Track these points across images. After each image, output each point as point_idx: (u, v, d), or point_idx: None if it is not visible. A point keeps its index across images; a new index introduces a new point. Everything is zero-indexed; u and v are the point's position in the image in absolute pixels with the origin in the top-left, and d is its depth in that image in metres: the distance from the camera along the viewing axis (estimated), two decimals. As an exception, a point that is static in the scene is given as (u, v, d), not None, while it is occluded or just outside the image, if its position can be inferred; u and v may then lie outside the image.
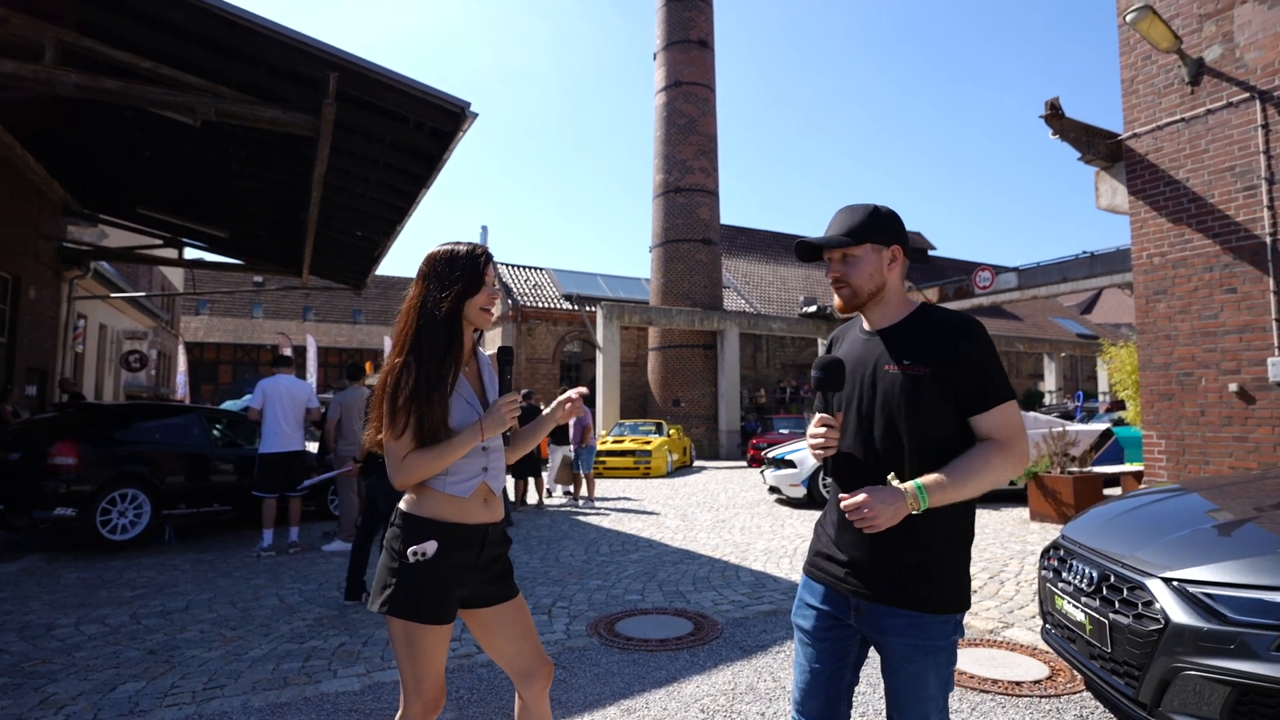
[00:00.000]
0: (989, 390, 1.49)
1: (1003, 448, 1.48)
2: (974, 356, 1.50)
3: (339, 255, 12.31)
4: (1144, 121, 6.86)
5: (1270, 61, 5.96)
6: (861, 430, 1.58)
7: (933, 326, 1.56)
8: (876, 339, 1.62)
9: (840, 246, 1.60)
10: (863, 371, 1.61)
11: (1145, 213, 6.84)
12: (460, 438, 1.74)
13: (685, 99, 20.75)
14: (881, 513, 1.42)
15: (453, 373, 1.77)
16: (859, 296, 1.62)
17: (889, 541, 1.50)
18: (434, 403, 1.72)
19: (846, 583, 1.57)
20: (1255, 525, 2.87)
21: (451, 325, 1.78)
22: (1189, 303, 6.47)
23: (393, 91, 6.38)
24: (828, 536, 1.66)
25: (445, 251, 1.83)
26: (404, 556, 1.74)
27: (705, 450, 19.83)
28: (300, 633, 4.09)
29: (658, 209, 21.05)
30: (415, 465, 1.73)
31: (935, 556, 1.51)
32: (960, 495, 1.46)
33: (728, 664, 3.49)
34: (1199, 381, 6.37)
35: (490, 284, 1.84)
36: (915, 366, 1.51)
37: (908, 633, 1.50)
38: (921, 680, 1.51)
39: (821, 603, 1.63)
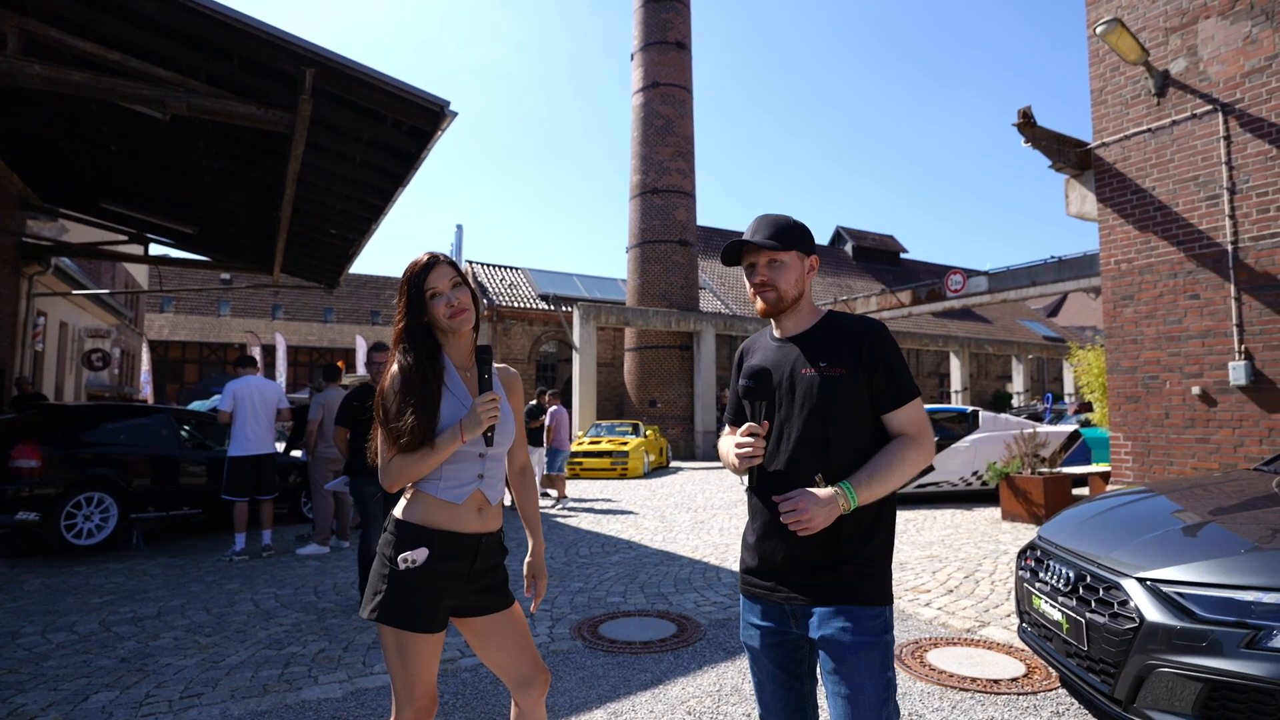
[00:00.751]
0: (900, 389, 1.57)
1: (914, 442, 1.56)
2: (884, 357, 1.57)
3: (312, 253, 12.12)
4: (1112, 131, 7.04)
5: (1232, 75, 6.16)
6: (782, 434, 1.61)
7: (842, 330, 1.63)
8: (790, 345, 1.67)
9: (771, 250, 1.64)
10: (780, 377, 1.64)
11: (1113, 220, 7.02)
12: (440, 440, 1.74)
13: (663, 100, 20.79)
14: (816, 514, 1.46)
15: (426, 380, 1.77)
16: (784, 301, 1.66)
17: (813, 542, 1.53)
18: (408, 410, 1.73)
19: (778, 592, 1.60)
20: (1218, 526, 2.97)
21: (415, 338, 1.81)
22: (1154, 308, 6.67)
23: (371, 89, 6.30)
24: (756, 550, 1.66)
25: (405, 269, 1.85)
26: (395, 562, 1.73)
27: (681, 451, 19.90)
28: (278, 639, 4.02)
29: (635, 210, 21.06)
30: (400, 468, 1.74)
31: (861, 550, 1.54)
32: (884, 491, 1.52)
33: (712, 665, 3.51)
34: (1164, 385, 6.56)
35: (444, 290, 1.80)
36: (831, 368, 1.57)
37: (840, 631, 1.51)
38: (857, 680, 1.50)
39: (762, 619, 1.65)
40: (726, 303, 25.33)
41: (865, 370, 1.56)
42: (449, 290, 1.81)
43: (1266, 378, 5.86)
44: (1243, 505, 3.19)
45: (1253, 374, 5.91)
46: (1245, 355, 5.97)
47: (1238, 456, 6.00)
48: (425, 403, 1.75)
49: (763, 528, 1.63)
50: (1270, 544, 2.58)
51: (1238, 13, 6.13)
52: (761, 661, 1.66)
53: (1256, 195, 5.97)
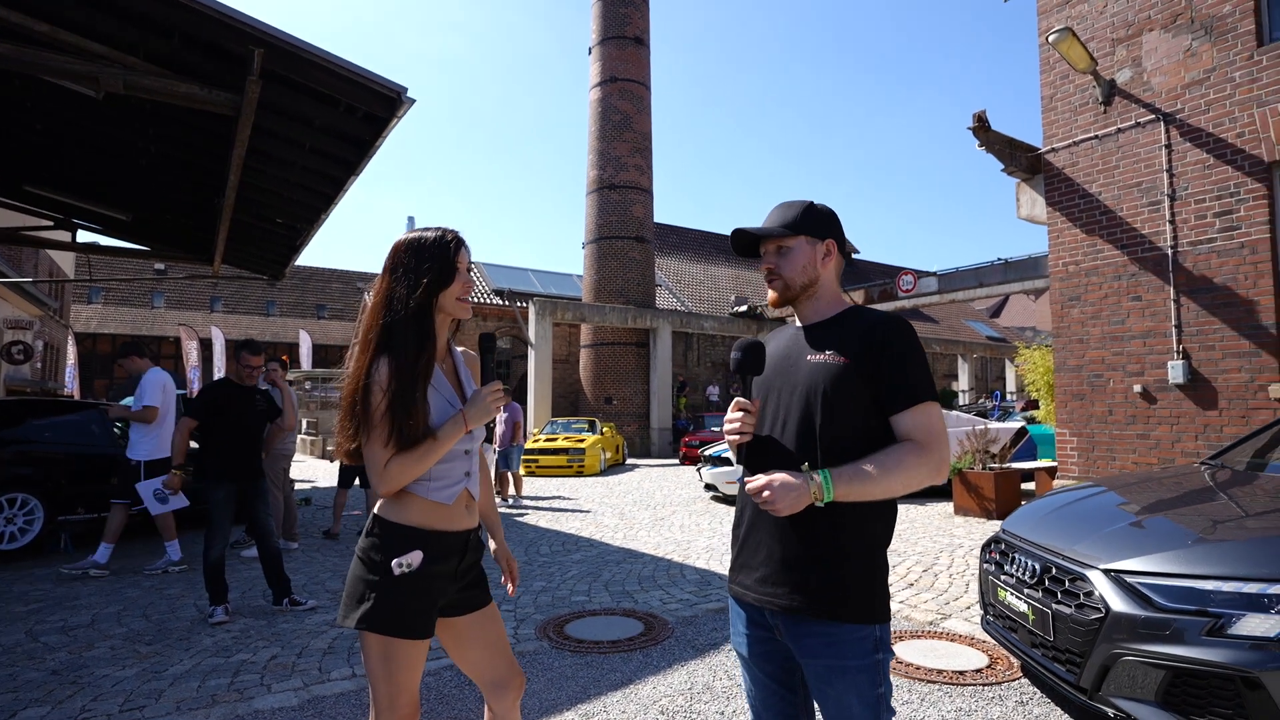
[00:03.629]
0: (909, 388, 1.43)
1: (920, 449, 1.40)
2: (896, 353, 1.44)
3: (257, 243, 11.62)
4: (1061, 137, 7.28)
5: (1173, 86, 6.43)
6: (777, 418, 1.52)
7: (860, 322, 1.52)
8: (803, 332, 1.60)
9: (775, 237, 1.56)
10: (785, 362, 1.57)
11: (1061, 223, 7.26)
12: (444, 432, 1.64)
13: (620, 95, 20.70)
14: (782, 498, 1.34)
15: (427, 370, 1.67)
16: (790, 289, 1.58)
17: (798, 544, 1.43)
18: (415, 404, 1.60)
19: (755, 591, 1.49)
20: (1175, 517, 3.07)
21: (423, 320, 1.67)
22: (1100, 309, 6.92)
23: (324, 72, 6.05)
24: (740, 545, 1.57)
25: (412, 240, 1.72)
26: (385, 568, 1.62)
27: (637, 448, 19.88)
28: (225, 646, 3.82)
29: (592, 205, 20.93)
30: (401, 470, 1.61)
31: (849, 561, 1.42)
32: (870, 492, 1.38)
33: (682, 663, 3.48)
34: (1108, 383, 6.82)
35: (464, 270, 1.73)
36: (836, 357, 1.47)
37: (824, 653, 1.41)
38: (844, 704, 1.40)
39: (750, 623, 1.56)
40: (683, 300, 25.42)
41: (874, 363, 1.44)
42: (466, 272, 1.73)
43: (1202, 376, 6.14)
44: (1192, 498, 3.31)
45: (1190, 373, 6.18)
46: (1183, 355, 6.25)
47: (1175, 452, 6.28)
48: (425, 394, 1.64)
49: (749, 519, 1.54)
50: (1214, 535, 2.67)
51: (1179, 26, 6.40)
52: (752, 670, 1.58)
53: (1195, 202, 6.25)
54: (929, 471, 1.40)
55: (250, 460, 4.56)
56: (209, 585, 4.28)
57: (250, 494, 4.53)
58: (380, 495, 1.67)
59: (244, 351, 4.72)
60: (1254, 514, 2.88)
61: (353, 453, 1.69)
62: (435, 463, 1.66)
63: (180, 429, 4.57)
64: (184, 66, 6.15)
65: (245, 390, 4.68)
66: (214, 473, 4.41)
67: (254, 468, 4.57)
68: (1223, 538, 2.63)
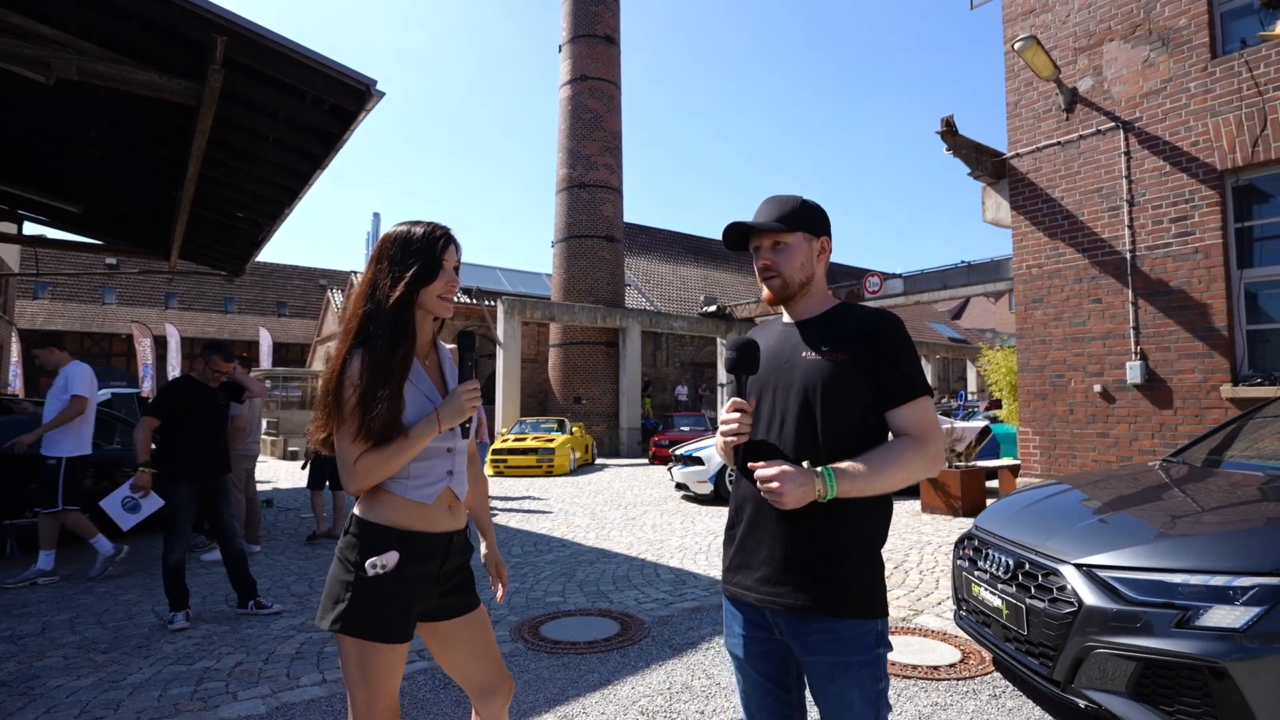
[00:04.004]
0: (907, 384, 1.45)
1: (918, 444, 1.42)
2: (893, 349, 1.45)
3: (216, 238, 11.29)
4: (1025, 143, 7.45)
5: (1132, 95, 6.63)
6: (774, 417, 1.50)
7: (853, 318, 1.52)
8: (796, 329, 1.57)
9: (774, 232, 1.53)
10: (780, 359, 1.54)
11: (1025, 227, 7.43)
12: (416, 431, 1.60)
13: (591, 94, 20.63)
14: (790, 490, 1.33)
15: (405, 366, 1.63)
16: (790, 287, 1.55)
17: (800, 542, 1.43)
18: (382, 399, 1.56)
19: (756, 592, 1.47)
20: (1140, 513, 3.15)
21: (402, 314, 1.64)
22: (1062, 311, 7.10)
23: (290, 63, 5.90)
24: (737, 545, 1.54)
25: (400, 232, 1.69)
26: (360, 569, 1.58)
27: (606, 448, 19.83)
28: (187, 653, 3.69)
29: (561, 204, 20.82)
30: (369, 467, 1.58)
31: (850, 558, 1.43)
32: (870, 488, 1.38)
33: (660, 663, 3.46)
34: (1069, 383, 7.00)
35: (450, 269, 1.70)
36: (834, 353, 1.46)
37: (827, 649, 1.41)
38: (846, 701, 1.40)
39: (747, 623, 1.53)
40: (652, 300, 25.44)
41: (872, 359, 1.44)
42: (452, 270, 1.69)
43: (1159, 377, 6.34)
44: (1156, 493, 3.40)
45: (1147, 373, 6.38)
46: (1141, 356, 6.45)
47: (1133, 450, 6.48)
48: (400, 390, 1.60)
49: (747, 520, 1.51)
50: (1178, 530, 2.75)
51: (1138, 37, 6.60)
52: (747, 671, 1.56)
53: (1152, 208, 6.46)
54: (926, 465, 1.43)
55: (214, 459, 4.44)
56: (169, 590, 4.13)
57: (213, 494, 4.41)
58: (349, 493, 1.64)
59: (215, 355, 4.56)
60: (1212, 508, 2.97)
61: (325, 442, 1.66)
62: (411, 461, 1.63)
63: (143, 427, 4.38)
64: (142, 53, 5.94)
65: (209, 389, 4.55)
66: (176, 473, 4.26)
67: (218, 466, 4.45)
68: (1186, 532, 2.70)
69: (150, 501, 4.45)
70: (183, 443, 4.33)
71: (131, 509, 4.50)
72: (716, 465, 9.11)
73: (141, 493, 4.42)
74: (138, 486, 4.45)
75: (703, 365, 26.05)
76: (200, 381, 4.55)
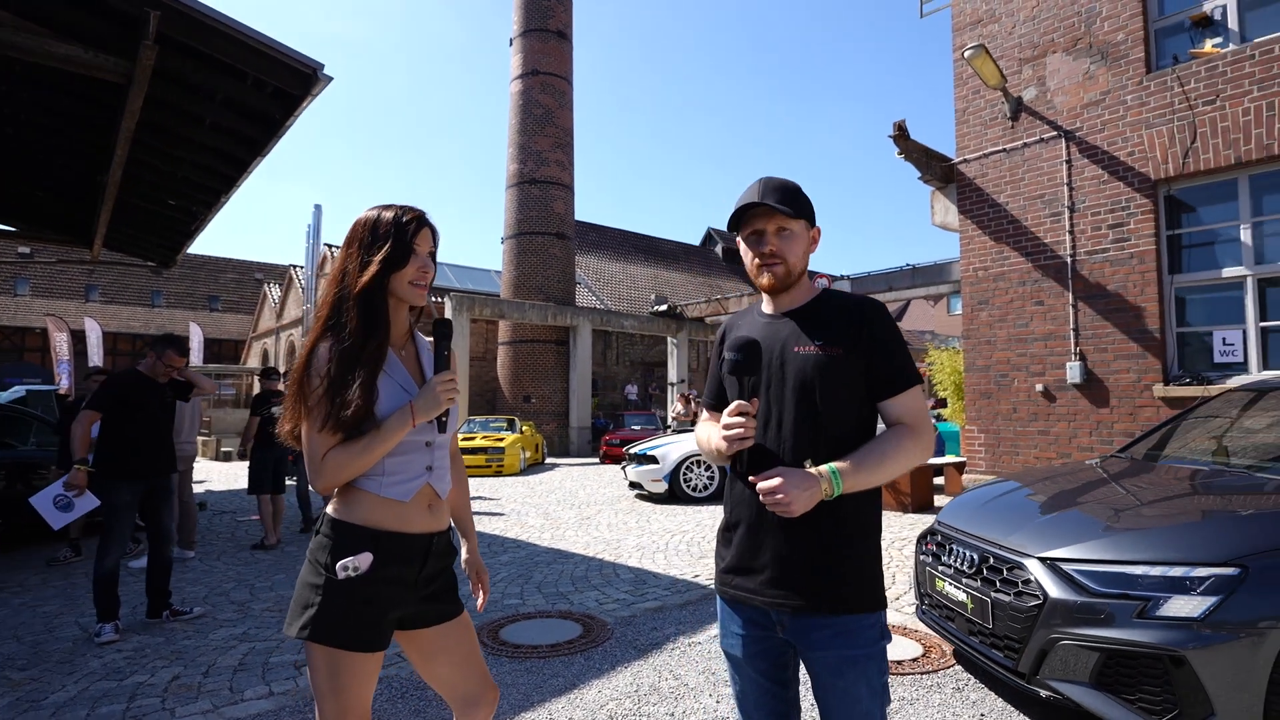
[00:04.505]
0: (901, 374, 1.45)
1: (913, 432, 1.43)
2: (885, 339, 1.44)
3: (145, 226, 10.68)
4: (973, 149, 7.68)
5: (1073, 105, 6.89)
6: (770, 416, 1.46)
7: (841, 308, 1.49)
8: (784, 321, 1.51)
9: (784, 216, 1.47)
10: (770, 355, 1.49)
11: (972, 231, 7.65)
12: (388, 425, 1.51)
13: (542, 89, 20.38)
14: (796, 497, 1.30)
15: (375, 356, 1.53)
16: (792, 275, 1.50)
17: (805, 542, 1.40)
18: (352, 390, 1.47)
19: (763, 595, 1.44)
20: (1091, 508, 3.25)
21: (372, 301, 1.54)
22: (1006, 312, 7.34)
23: (231, 42, 5.60)
24: (737, 547, 1.50)
25: (370, 216, 1.59)
26: (331, 571, 1.47)
27: (556, 448, 19.63)
28: (117, 667, 3.43)
29: (511, 199, 20.51)
30: (339, 463, 1.48)
31: (854, 553, 1.42)
32: (873, 480, 1.39)
33: (625, 665, 3.39)
34: (1013, 382, 7.24)
35: (423, 254, 1.60)
36: (829, 347, 1.43)
37: (835, 644, 1.39)
38: (854, 694, 1.39)
39: (745, 624, 1.50)
40: (602, 298, 25.33)
41: (864, 352, 1.43)
42: (425, 256, 1.59)
43: (1096, 377, 6.61)
44: (1114, 488, 3.51)
45: (1085, 374, 6.65)
46: (1080, 357, 6.71)
47: (1072, 447, 6.74)
48: (371, 381, 1.50)
49: (747, 521, 1.48)
50: (1138, 522, 2.84)
51: (1079, 50, 6.87)
52: (745, 671, 1.52)
53: (1091, 214, 6.73)
54: (921, 452, 1.44)
55: (162, 458, 4.22)
56: (99, 599, 3.85)
57: (158, 494, 4.19)
58: (317, 491, 1.54)
59: (170, 350, 4.31)
60: (1161, 500, 3.09)
61: (292, 434, 1.58)
62: (384, 456, 1.53)
63: (83, 421, 4.08)
64: (67, 25, 5.54)
65: (158, 384, 4.32)
66: (120, 472, 4.02)
67: (166, 465, 4.24)
68: (1145, 525, 2.78)
69: (85, 501, 4.13)
70: (130, 440, 4.09)
71: (64, 508, 4.16)
72: (671, 464, 9.09)
73: (75, 491, 4.11)
74: (72, 485, 4.12)
75: (653, 364, 26.09)
76: (149, 376, 4.30)
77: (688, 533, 6.90)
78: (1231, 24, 6.13)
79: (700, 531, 6.93)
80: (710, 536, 6.66)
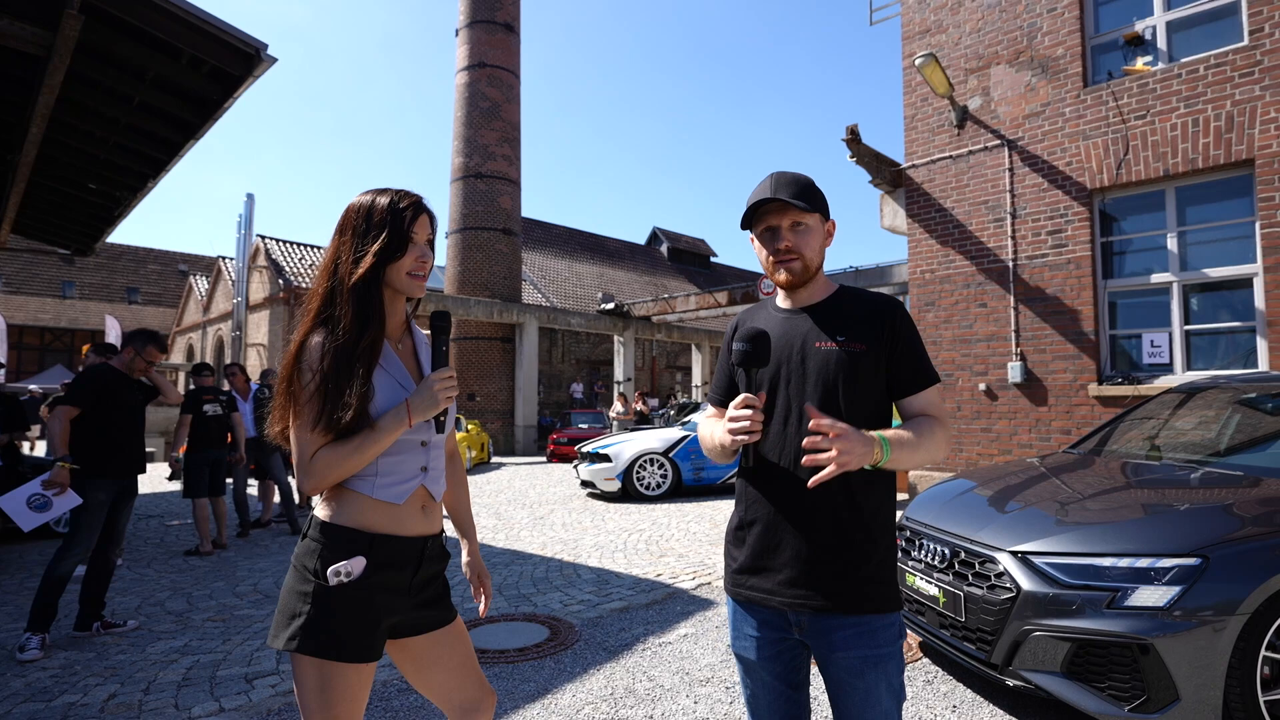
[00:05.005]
0: (925, 371, 1.46)
1: (942, 425, 1.43)
2: (908, 337, 1.45)
3: (61, 211, 9.97)
4: (920, 155, 7.90)
5: (1016, 116, 7.17)
6: (790, 412, 1.43)
7: (862, 304, 1.49)
8: (802, 316, 1.50)
9: (799, 210, 1.46)
10: (788, 350, 1.47)
11: (920, 234, 7.88)
12: (383, 424, 1.42)
13: (489, 82, 20.01)
14: (854, 448, 1.25)
15: (371, 351, 1.44)
16: (809, 270, 1.49)
17: (828, 540, 1.38)
18: (347, 387, 1.38)
19: (781, 595, 1.41)
20: (1050, 503, 3.36)
21: (368, 293, 1.45)
22: (951, 314, 7.58)
23: (165, 16, 5.28)
24: (753, 547, 1.47)
25: (364, 202, 1.50)
26: (321, 577, 1.37)
27: (502, 446, 19.33)
28: (44, 687, 3.16)
29: (456, 193, 20.07)
30: (330, 464, 1.39)
31: (878, 550, 1.41)
32: (912, 459, 1.37)
33: (597, 668, 3.33)
34: (957, 381, 7.48)
35: (421, 242, 1.51)
36: (851, 343, 1.42)
37: (857, 644, 1.37)
38: (874, 695, 1.37)
39: (761, 625, 1.47)
40: (548, 296, 25.08)
41: (887, 348, 1.43)
42: (424, 244, 1.50)
43: (1036, 376, 6.90)
44: (1074, 483, 3.65)
45: (1025, 373, 6.93)
46: (1020, 357, 6.99)
47: (1013, 444, 7.01)
48: (367, 378, 1.41)
49: (764, 520, 1.44)
50: (1102, 517, 2.95)
51: (1021, 63, 7.15)
52: (758, 674, 1.48)
53: (1031, 221, 7.01)
54: (947, 445, 1.45)
55: (138, 456, 4.06)
56: (41, 601, 3.60)
57: (127, 494, 4.01)
58: (306, 492, 1.45)
59: (151, 345, 4.13)
60: (1114, 494, 3.22)
61: (283, 435, 1.49)
62: (378, 456, 1.44)
63: (60, 417, 3.80)
64: (-20, -11, 5.10)
65: (132, 380, 4.14)
66: (102, 470, 3.83)
67: (141, 464, 4.09)
68: (1112, 519, 2.86)
69: (65, 500, 3.78)
70: (111, 438, 3.89)
71: (40, 507, 3.78)
72: (625, 462, 9.05)
73: (56, 490, 3.76)
74: (53, 483, 3.75)
75: (599, 363, 25.98)
76: (124, 371, 4.10)
77: (644, 531, 6.87)
78: (1161, 44, 6.49)
79: (657, 530, 6.91)
80: (667, 535, 6.64)
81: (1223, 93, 5.95)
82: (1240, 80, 5.88)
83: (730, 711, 2.83)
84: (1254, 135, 5.78)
